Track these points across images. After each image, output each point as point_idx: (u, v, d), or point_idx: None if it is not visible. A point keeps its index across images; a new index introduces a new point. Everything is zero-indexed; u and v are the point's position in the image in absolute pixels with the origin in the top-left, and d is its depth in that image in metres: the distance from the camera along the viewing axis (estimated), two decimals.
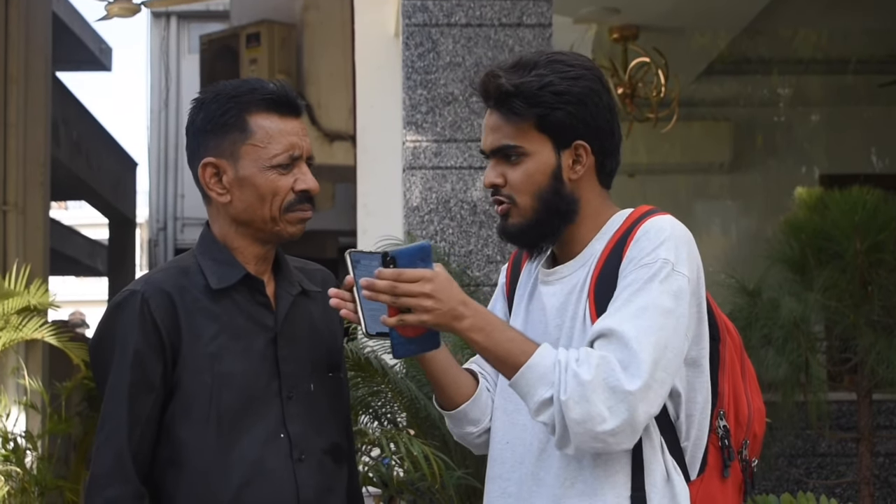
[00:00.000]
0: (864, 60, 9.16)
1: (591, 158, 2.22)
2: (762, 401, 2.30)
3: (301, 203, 2.32)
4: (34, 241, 10.21)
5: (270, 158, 2.29)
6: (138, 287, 2.29)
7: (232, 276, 2.31)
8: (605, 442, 2.02)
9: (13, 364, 8.23)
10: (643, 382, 2.00)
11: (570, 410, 2.00)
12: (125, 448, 2.21)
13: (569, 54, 2.25)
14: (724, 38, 8.71)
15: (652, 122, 8.04)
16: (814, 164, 9.65)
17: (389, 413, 4.28)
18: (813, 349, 4.84)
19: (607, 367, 2.01)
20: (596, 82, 2.21)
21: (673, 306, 2.07)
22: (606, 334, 2.05)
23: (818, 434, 5.76)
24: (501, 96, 2.20)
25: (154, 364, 2.24)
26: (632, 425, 2.01)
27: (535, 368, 2.05)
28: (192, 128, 2.36)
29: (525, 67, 2.20)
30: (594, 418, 2.00)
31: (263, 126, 2.29)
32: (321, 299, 2.43)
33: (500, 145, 2.22)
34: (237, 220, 2.32)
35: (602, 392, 2.00)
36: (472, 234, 4.95)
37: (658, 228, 2.14)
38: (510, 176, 2.21)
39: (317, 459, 2.32)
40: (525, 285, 2.36)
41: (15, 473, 6.90)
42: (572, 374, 2.01)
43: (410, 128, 5.04)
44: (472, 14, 5.10)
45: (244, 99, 2.30)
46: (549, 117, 2.18)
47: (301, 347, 2.36)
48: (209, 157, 2.31)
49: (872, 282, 4.85)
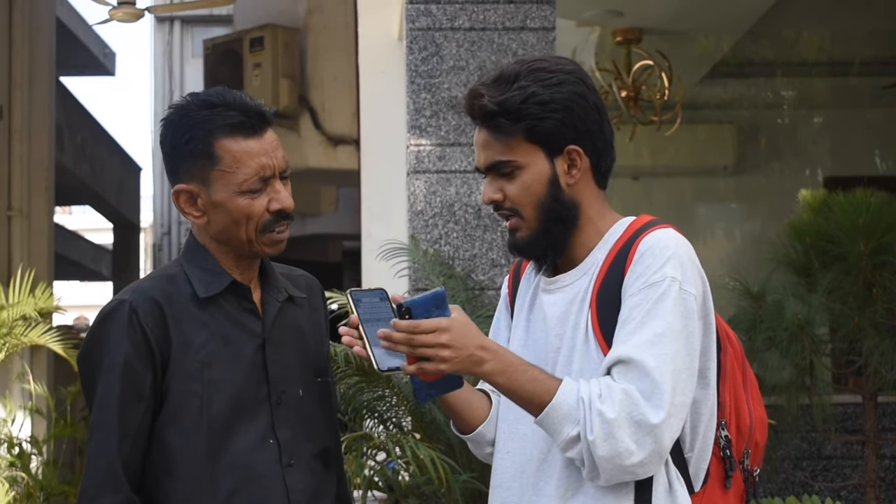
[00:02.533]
0: (867, 62, 9.15)
1: (585, 161, 2.22)
2: (764, 409, 2.31)
3: (278, 222, 2.30)
4: (39, 245, 10.22)
5: (240, 184, 2.26)
6: (126, 296, 2.28)
7: (219, 284, 2.31)
8: (634, 473, 2.05)
9: (18, 369, 8.23)
10: (666, 413, 2.02)
11: (597, 448, 2.02)
12: (115, 457, 2.21)
13: (549, 60, 2.24)
14: (727, 41, 8.71)
15: (656, 124, 8.04)
16: (818, 167, 9.64)
17: (395, 417, 4.28)
18: (817, 352, 4.84)
19: (630, 402, 2.02)
20: (579, 85, 2.20)
21: (684, 328, 2.09)
22: (625, 362, 2.06)
23: (823, 437, 5.76)
24: (486, 115, 2.19)
25: (144, 373, 2.24)
26: (659, 454, 2.04)
27: (559, 407, 2.06)
28: (163, 148, 2.35)
29: (507, 81, 2.19)
30: (622, 454, 2.02)
31: (230, 150, 2.26)
32: (307, 305, 2.45)
33: (493, 162, 2.21)
34: (217, 239, 2.33)
35: (627, 427, 2.02)
36: (477, 238, 4.95)
37: (662, 244, 2.13)
38: (508, 190, 2.21)
39: (306, 464, 2.33)
40: (525, 294, 2.36)
41: (20, 479, 6.91)
42: (596, 412, 2.03)
43: (414, 132, 5.04)
44: (475, 18, 5.10)
45: (209, 124, 2.27)
46: (537, 128, 2.17)
47: (289, 353, 2.36)
48: (181, 184, 2.30)
49: (877, 284, 4.85)
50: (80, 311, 19.89)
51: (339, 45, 9.91)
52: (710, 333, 2.17)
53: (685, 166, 9.78)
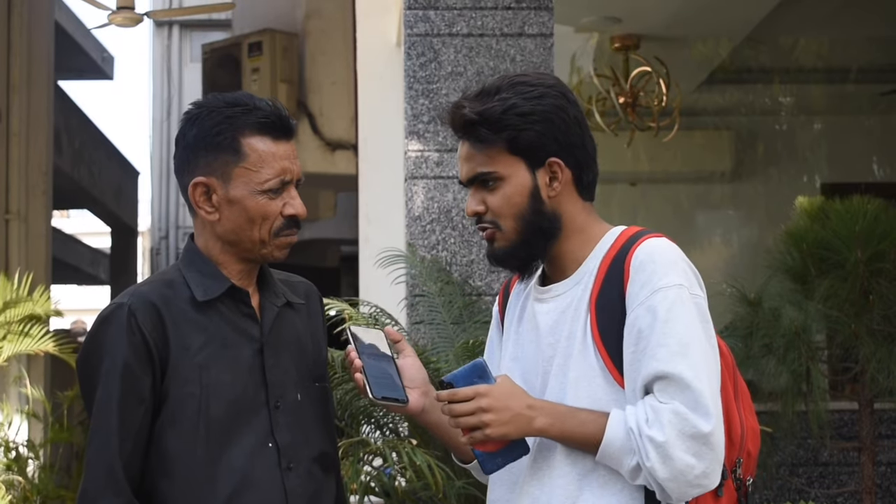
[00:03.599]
0: (865, 69, 9.17)
1: (567, 173, 2.23)
2: (756, 419, 2.32)
3: (289, 227, 2.33)
4: (36, 249, 10.22)
5: (262, 183, 2.29)
6: (124, 300, 2.29)
7: (217, 289, 2.32)
8: (702, 486, 2.09)
9: (15, 373, 8.23)
10: (715, 418, 2.07)
11: (657, 473, 2.05)
12: (116, 460, 2.21)
13: (531, 75, 2.27)
14: (725, 48, 8.72)
15: (653, 131, 8.05)
16: (815, 174, 9.65)
17: (391, 423, 4.29)
18: (814, 358, 4.84)
19: (679, 419, 2.05)
20: (560, 98, 2.23)
21: (703, 331, 2.13)
22: (662, 378, 2.08)
23: (820, 443, 5.76)
24: (467, 126, 2.22)
25: (143, 376, 2.25)
26: (718, 460, 2.09)
27: (612, 444, 2.09)
28: (182, 141, 2.35)
29: (488, 94, 2.23)
30: (684, 471, 2.05)
31: (257, 149, 2.29)
32: (305, 311, 2.46)
33: (475, 174, 2.24)
34: (224, 238, 2.33)
35: (682, 443, 2.05)
36: (475, 244, 4.96)
37: (661, 252, 2.16)
38: (490, 202, 2.23)
39: (305, 468, 2.33)
40: (514, 307, 2.37)
41: (17, 482, 6.91)
42: (647, 438, 2.06)
43: (412, 137, 5.05)
44: (473, 24, 5.11)
45: (238, 121, 2.30)
46: (518, 139, 2.20)
47: (287, 357, 2.37)
48: (200, 176, 2.31)
49: (873, 291, 4.85)
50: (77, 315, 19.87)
51: (337, 50, 9.92)
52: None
53: (683, 172, 9.79)
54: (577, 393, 2.15)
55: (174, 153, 2.39)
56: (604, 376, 2.15)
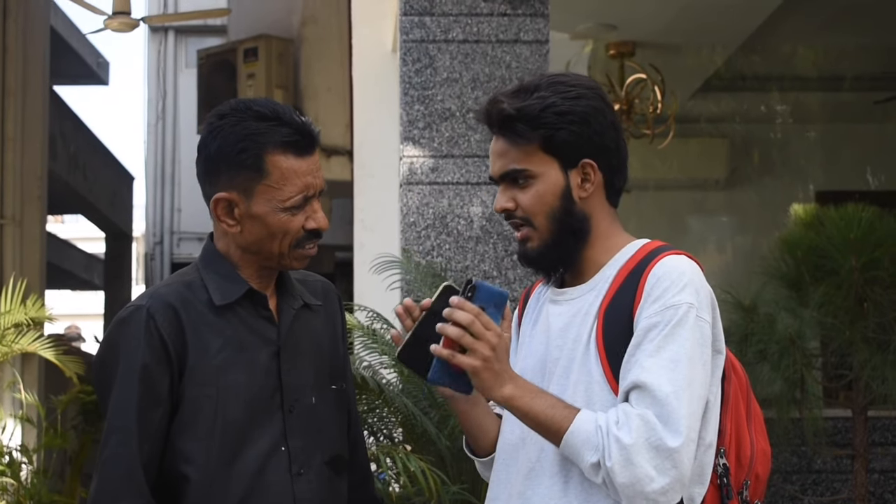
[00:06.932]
0: (860, 77, 9.19)
1: (599, 176, 2.22)
2: (767, 442, 2.29)
3: (309, 240, 2.33)
4: (31, 254, 10.20)
5: (284, 200, 2.28)
6: (143, 302, 2.29)
7: (235, 292, 2.32)
8: (655, 501, 2.03)
9: (9, 378, 8.22)
10: (685, 437, 2.03)
11: (616, 476, 2.02)
12: (136, 461, 2.20)
13: (570, 75, 2.26)
14: (720, 55, 8.74)
15: (648, 138, 8.06)
16: (809, 181, 9.67)
17: (386, 429, 4.29)
18: (808, 365, 4.85)
19: (647, 427, 2.02)
20: (598, 101, 2.22)
21: (699, 355, 2.10)
22: (641, 387, 2.06)
23: (813, 451, 5.77)
24: (505, 121, 2.20)
25: (161, 377, 2.24)
26: (681, 481, 2.04)
27: (577, 434, 2.07)
28: (204, 151, 2.33)
29: (527, 91, 2.21)
30: (641, 480, 2.02)
31: (280, 167, 2.27)
32: (323, 312, 2.46)
33: (507, 170, 2.22)
34: (244, 248, 2.34)
35: (646, 452, 2.02)
36: (469, 250, 4.96)
37: (679, 270, 2.14)
38: (520, 199, 2.22)
39: (316, 473, 2.33)
40: (532, 311, 2.37)
41: (10, 487, 6.89)
42: (614, 438, 2.03)
43: (408, 143, 5.05)
44: (469, 30, 5.12)
45: (263, 137, 2.27)
46: (553, 138, 2.18)
47: (304, 360, 2.37)
48: (222, 192, 2.29)
49: (868, 298, 4.86)
50: (71, 320, 19.85)
51: (333, 56, 9.92)
52: (718, 359, 2.18)
53: (678, 180, 9.80)
54: (574, 396, 2.15)
55: (196, 159, 2.37)
56: (601, 384, 2.14)
